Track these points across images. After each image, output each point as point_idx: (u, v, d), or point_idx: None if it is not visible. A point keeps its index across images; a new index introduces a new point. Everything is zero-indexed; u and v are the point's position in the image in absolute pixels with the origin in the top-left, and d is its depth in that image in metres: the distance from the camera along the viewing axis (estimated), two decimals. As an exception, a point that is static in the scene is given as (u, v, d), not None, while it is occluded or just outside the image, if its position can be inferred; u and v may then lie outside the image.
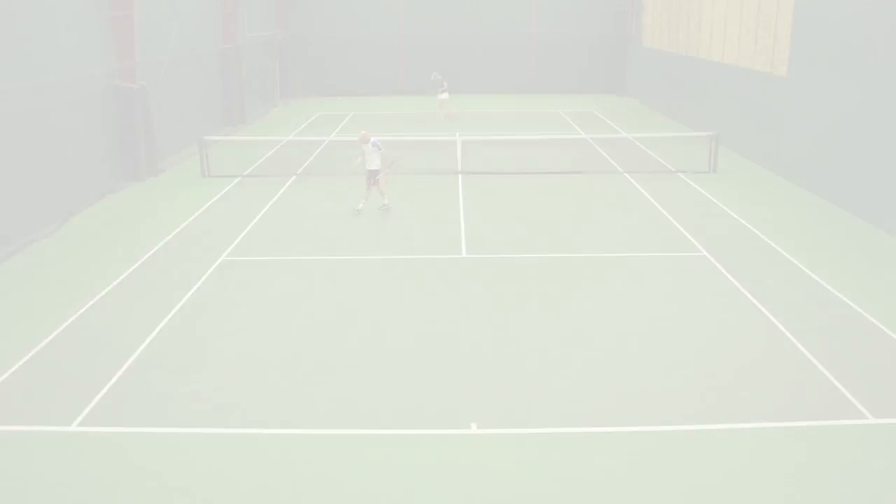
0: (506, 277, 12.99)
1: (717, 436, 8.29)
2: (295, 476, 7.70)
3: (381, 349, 10.39)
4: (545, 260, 13.87)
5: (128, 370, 9.88)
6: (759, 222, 15.99)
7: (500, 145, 24.20)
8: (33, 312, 11.79)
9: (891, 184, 15.05)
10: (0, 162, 14.77)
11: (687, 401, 8.98)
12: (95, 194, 18.65)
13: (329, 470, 7.78)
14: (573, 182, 19.76)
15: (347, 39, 39.84)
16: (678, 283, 12.61)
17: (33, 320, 11.48)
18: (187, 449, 8.17)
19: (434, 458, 7.96)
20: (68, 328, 11.20)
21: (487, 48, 39.92)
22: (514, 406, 8.94)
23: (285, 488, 7.51)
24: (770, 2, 20.67)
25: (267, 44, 36.18)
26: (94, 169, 18.72)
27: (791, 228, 15.59)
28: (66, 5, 17.38)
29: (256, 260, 14.06)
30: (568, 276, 13.02)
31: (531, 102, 36.93)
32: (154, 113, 21.49)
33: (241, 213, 17.11)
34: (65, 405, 9.05)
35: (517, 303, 11.89)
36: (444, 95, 30.93)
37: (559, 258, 13.96)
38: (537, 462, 7.86)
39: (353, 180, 20.29)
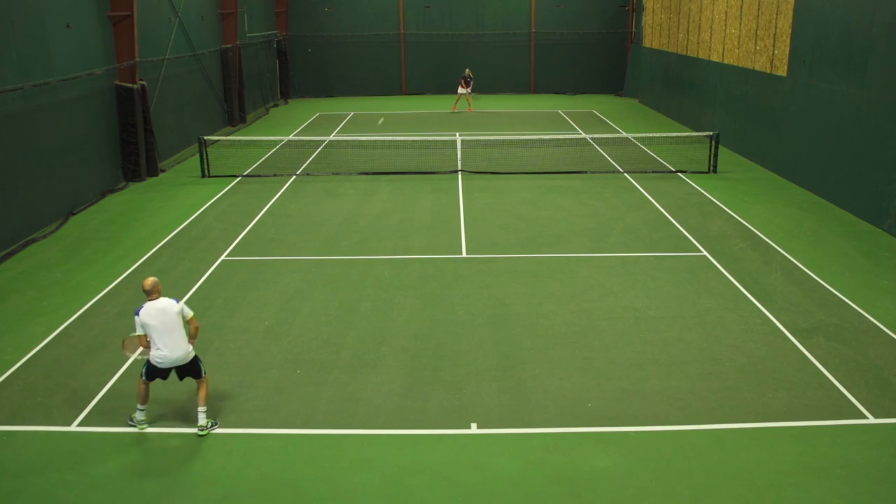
0: (506, 277, 12.98)
1: (717, 436, 8.29)
2: (295, 476, 7.70)
3: (381, 349, 10.39)
4: (545, 260, 13.87)
5: (128, 370, 9.88)
6: (759, 222, 15.99)
7: (500, 145, 24.21)
8: (33, 312, 11.79)
9: (890, 183, 15.05)
10: (0, 162, 14.78)
11: (687, 401, 8.98)
12: (95, 194, 18.66)
13: (329, 470, 7.78)
14: (573, 182, 19.76)
15: (347, 39, 39.85)
16: (678, 283, 12.60)
17: (33, 320, 11.48)
18: (188, 449, 8.17)
19: (434, 458, 7.97)
20: (68, 328, 11.20)
21: (487, 48, 39.93)
22: (514, 406, 8.94)
23: (285, 488, 7.51)
24: (770, 2, 20.67)
25: (267, 44, 36.19)
26: (94, 168, 18.73)
27: (791, 228, 15.59)
28: (66, 5, 17.38)
29: (256, 260, 14.06)
30: (568, 276, 13.01)
31: (531, 102, 36.93)
32: (154, 113, 21.50)
33: (241, 213, 17.11)
34: (65, 405, 9.05)
35: (517, 303, 11.88)
36: (464, 90, 33.70)
37: (559, 258, 13.96)
38: (537, 462, 7.86)
39: (353, 180, 20.30)
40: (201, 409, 8.46)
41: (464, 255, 14.23)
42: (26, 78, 15.65)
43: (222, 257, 14.19)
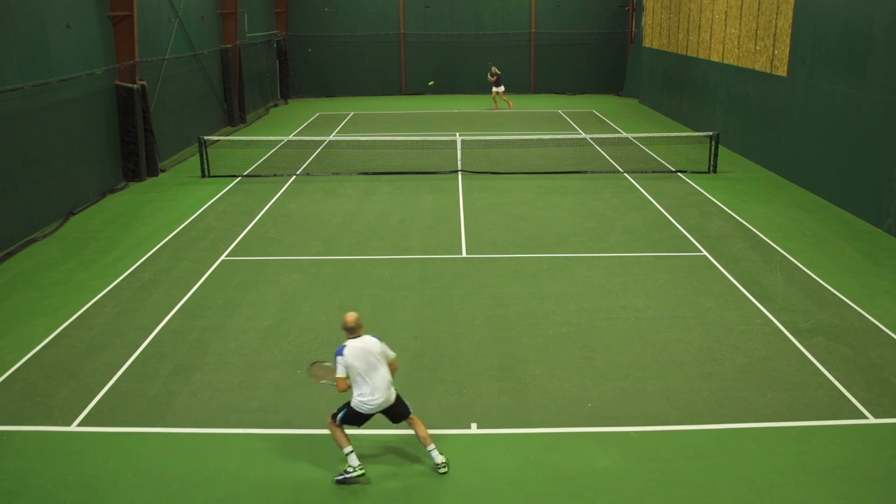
0: (506, 277, 12.98)
1: (717, 436, 8.29)
2: (295, 476, 7.70)
3: (381, 349, 10.38)
4: (545, 260, 13.87)
5: (128, 370, 9.89)
6: (759, 222, 15.99)
7: (500, 145, 24.21)
8: (33, 312, 11.79)
9: (890, 183, 15.06)
10: (0, 162, 14.78)
11: (687, 401, 8.98)
12: (95, 194, 18.66)
13: (329, 470, 7.78)
14: (573, 182, 19.76)
15: (347, 39, 39.85)
16: (678, 283, 12.60)
17: (33, 320, 11.48)
18: (187, 449, 8.17)
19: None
20: (68, 328, 11.20)
21: (487, 48, 39.93)
22: (514, 406, 8.94)
23: (285, 488, 7.51)
24: (770, 2, 20.67)
25: (267, 44, 36.19)
26: (94, 168, 18.73)
27: (791, 228, 15.59)
28: (66, 5, 17.38)
29: (256, 260, 14.06)
30: (568, 276, 13.01)
31: (531, 102, 36.94)
32: (154, 113, 21.50)
33: (241, 213, 17.11)
34: (65, 405, 9.05)
35: (517, 303, 11.88)
36: (499, 87, 34.22)
37: (559, 258, 13.96)
38: (537, 462, 7.86)
39: (353, 180, 20.30)
40: (430, 448, 7.67)
41: (464, 255, 14.23)
42: (26, 78, 15.66)
43: (222, 257, 14.20)
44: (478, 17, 39.87)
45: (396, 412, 7.67)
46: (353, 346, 7.44)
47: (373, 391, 7.42)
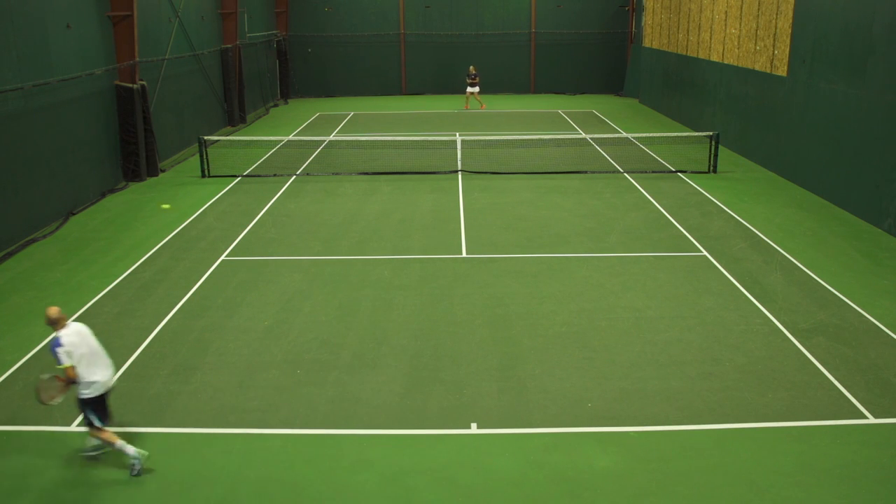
0: (506, 277, 12.98)
1: (717, 436, 8.29)
2: (295, 476, 7.70)
3: (381, 349, 10.39)
4: (545, 260, 13.87)
5: (128, 370, 9.89)
6: (759, 222, 15.99)
7: (500, 145, 24.21)
8: (33, 312, 11.78)
9: (890, 183, 15.06)
10: (0, 162, 14.77)
11: (687, 401, 8.98)
12: (95, 194, 18.66)
13: (329, 470, 7.78)
14: (573, 182, 19.76)
15: (347, 39, 39.85)
16: (678, 283, 12.60)
17: (33, 320, 11.47)
18: (187, 449, 8.17)
19: (434, 458, 7.97)
20: (68, 328, 11.19)
21: (487, 48, 39.93)
22: (514, 406, 8.94)
23: (285, 488, 7.51)
24: (770, 2, 20.67)
25: (267, 44, 36.19)
26: (94, 169, 18.73)
27: (791, 228, 15.59)
28: (66, 5, 17.38)
29: (256, 260, 14.06)
30: (568, 276, 13.01)
31: (531, 102, 36.94)
32: (154, 113, 21.50)
33: (241, 213, 17.11)
34: (65, 405, 9.04)
35: (517, 303, 11.89)
36: (474, 88, 34.29)
37: (559, 258, 13.96)
38: (537, 462, 7.86)
39: (353, 180, 20.30)
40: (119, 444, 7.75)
41: (464, 255, 14.23)
42: (26, 78, 15.65)
43: (222, 257, 14.20)
44: (478, 17, 39.87)
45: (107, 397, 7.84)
46: (68, 334, 7.54)
47: (107, 368, 7.76)
